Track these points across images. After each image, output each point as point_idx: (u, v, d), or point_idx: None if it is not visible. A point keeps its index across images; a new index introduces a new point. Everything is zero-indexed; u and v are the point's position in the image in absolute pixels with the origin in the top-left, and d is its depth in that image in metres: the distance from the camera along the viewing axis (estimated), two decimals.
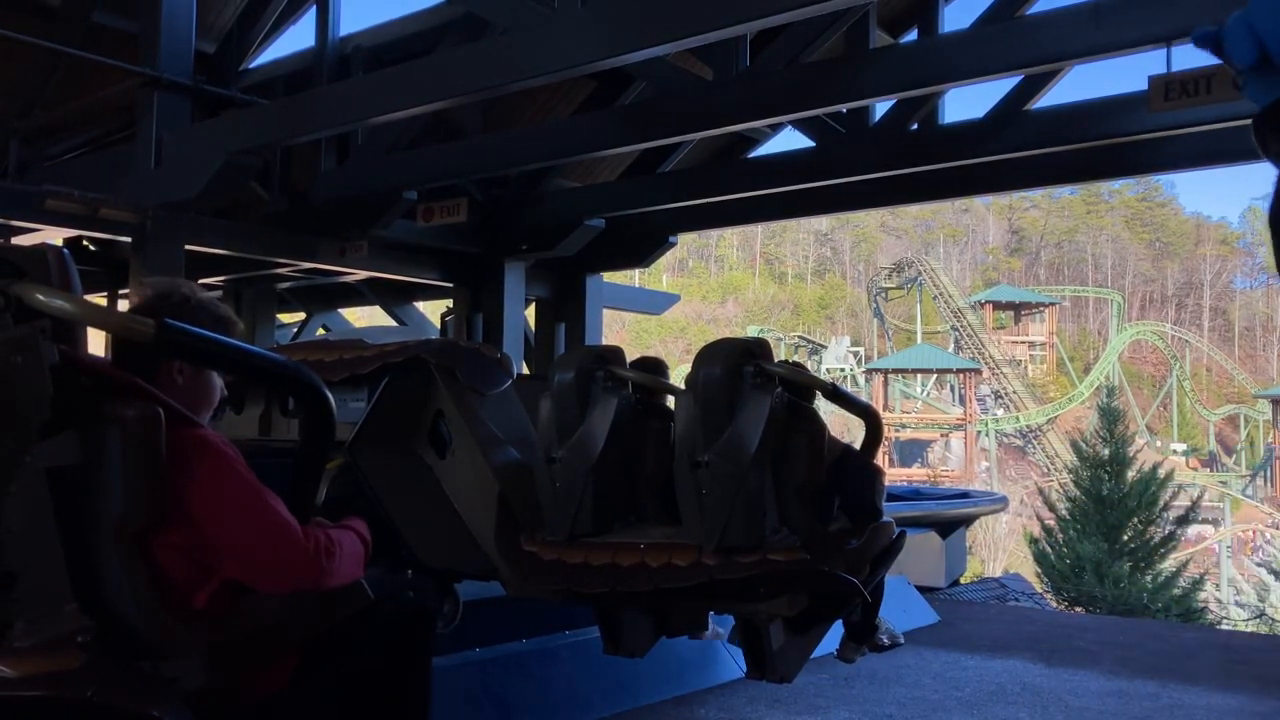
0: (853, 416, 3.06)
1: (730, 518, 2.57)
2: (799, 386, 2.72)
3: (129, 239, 7.75)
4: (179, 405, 1.76)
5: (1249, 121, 0.82)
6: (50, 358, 1.53)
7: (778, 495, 2.63)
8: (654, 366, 3.34)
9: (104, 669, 1.56)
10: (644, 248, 10.84)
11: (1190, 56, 4.19)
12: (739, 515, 2.56)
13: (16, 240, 8.42)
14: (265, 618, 1.79)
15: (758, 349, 2.66)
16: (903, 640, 3.29)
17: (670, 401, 3.17)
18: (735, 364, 2.62)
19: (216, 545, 1.73)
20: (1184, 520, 18.17)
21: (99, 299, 12.52)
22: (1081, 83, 6.50)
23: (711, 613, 3.25)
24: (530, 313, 11.38)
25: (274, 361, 1.89)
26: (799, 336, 62.09)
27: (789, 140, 9.20)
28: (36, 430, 1.54)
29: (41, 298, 1.57)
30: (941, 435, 53.49)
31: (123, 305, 11.37)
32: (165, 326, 1.66)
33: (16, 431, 1.52)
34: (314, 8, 8.84)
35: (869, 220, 74.71)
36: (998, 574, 23.52)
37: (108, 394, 1.66)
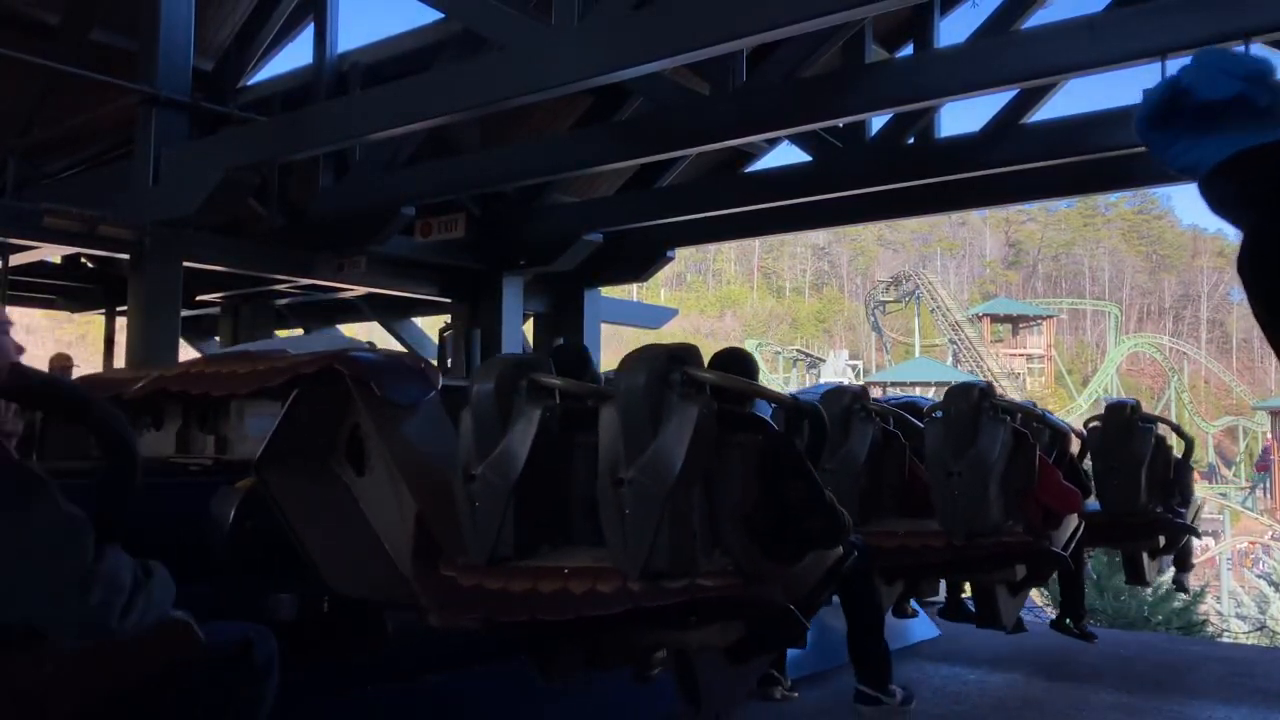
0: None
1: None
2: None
3: (126, 256, 7.74)
4: None
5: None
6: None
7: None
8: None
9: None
10: (642, 262, 10.86)
11: None
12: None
13: (15, 258, 8.44)
14: None
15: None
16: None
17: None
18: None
19: None
20: None
21: (96, 317, 12.51)
22: (1077, 96, 6.53)
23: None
24: (529, 328, 11.38)
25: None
26: (797, 350, 61.98)
27: (786, 155, 9.24)
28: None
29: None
30: None
31: (120, 322, 11.20)
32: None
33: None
34: (312, 25, 8.88)
35: (866, 234, 74.82)
36: None
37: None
